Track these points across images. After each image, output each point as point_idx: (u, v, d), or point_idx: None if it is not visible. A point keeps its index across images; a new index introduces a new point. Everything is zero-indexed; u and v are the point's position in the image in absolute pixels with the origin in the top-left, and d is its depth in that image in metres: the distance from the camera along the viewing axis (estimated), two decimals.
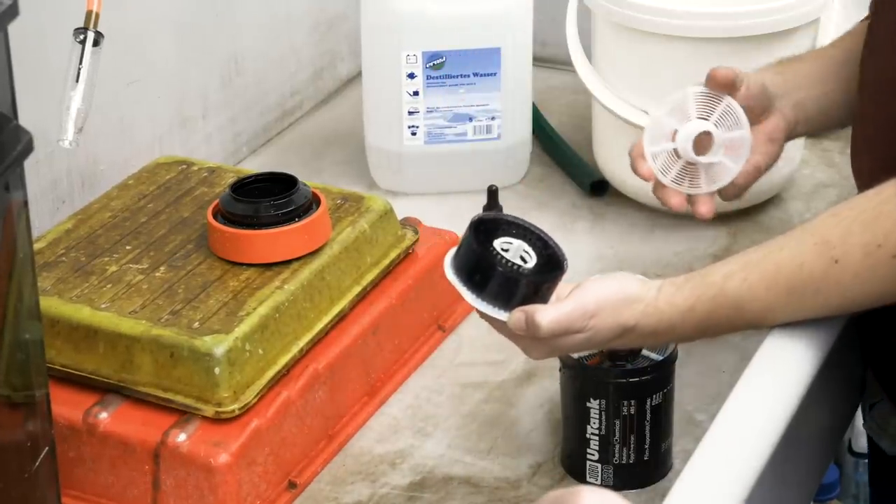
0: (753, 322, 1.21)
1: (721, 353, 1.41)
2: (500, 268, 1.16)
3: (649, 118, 1.27)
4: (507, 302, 1.17)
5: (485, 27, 1.65)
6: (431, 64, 1.65)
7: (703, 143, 1.35)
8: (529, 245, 1.19)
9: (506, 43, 1.66)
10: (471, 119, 1.68)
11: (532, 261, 1.18)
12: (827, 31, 1.64)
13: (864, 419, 1.42)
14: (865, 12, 1.36)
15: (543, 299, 1.17)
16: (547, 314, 1.16)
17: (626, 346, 1.22)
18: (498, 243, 1.18)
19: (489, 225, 1.19)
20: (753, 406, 1.19)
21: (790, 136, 1.39)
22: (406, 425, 1.34)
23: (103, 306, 1.27)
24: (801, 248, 1.17)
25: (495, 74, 1.67)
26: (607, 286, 1.19)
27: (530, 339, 1.18)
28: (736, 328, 1.22)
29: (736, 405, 1.19)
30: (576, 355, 1.24)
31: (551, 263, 1.19)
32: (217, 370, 1.22)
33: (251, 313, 1.26)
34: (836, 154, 1.79)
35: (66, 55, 1.25)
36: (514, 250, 1.18)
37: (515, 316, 1.17)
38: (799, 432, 1.24)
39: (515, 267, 1.16)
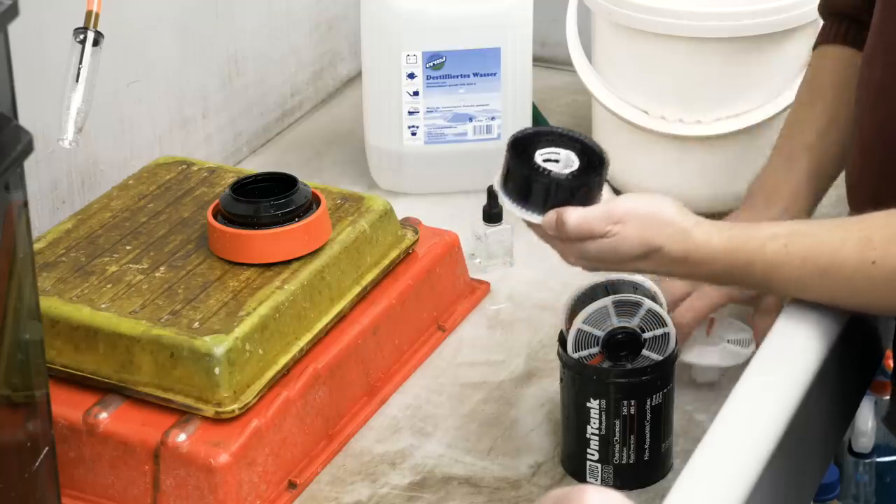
0: (778, 289, 1.24)
1: None
2: (535, 176, 1.20)
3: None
4: (543, 207, 1.21)
5: (485, 27, 1.65)
6: (431, 64, 1.66)
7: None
8: (571, 150, 1.22)
9: (506, 43, 1.66)
10: (471, 119, 1.68)
11: (574, 166, 1.21)
12: None
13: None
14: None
15: (584, 202, 1.20)
16: (574, 213, 1.19)
17: (650, 271, 1.22)
18: (539, 154, 1.22)
19: (528, 139, 1.23)
20: (753, 406, 1.19)
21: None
22: (406, 425, 1.34)
23: (103, 306, 1.27)
24: (847, 236, 1.19)
25: (495, 74, 1.67)
26: (641, 200, 1.22)
27: (562, 242, 1.22)
28: (758, 287, 1.25)
29: (736, 405, 1.19)
30: (576, 355, 1.24)
31: (591, 166, 1.21)
32: (217, 370, 1.22)
33: (251, 313, 1.26)
34: None
35: (66, 55, 1.25)
36: (558, 158, 1.23)
37: (548, 217, 1.21)
38: (799, 432, 1.24)
39: (546, 172, 1.20)
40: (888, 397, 2.00)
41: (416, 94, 1.66)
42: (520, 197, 1.22)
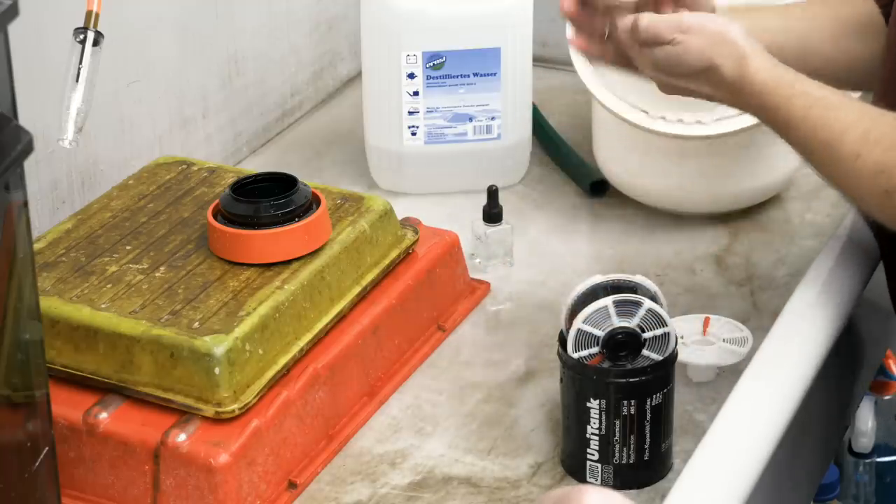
0: (792, 142, 1.28)
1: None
2: None
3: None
4: None
5: (485, 27, 1.65)
6: (431, 64, 1.66)
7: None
8: None
9: (506, 43, 1.66)
10: (471, 119, 1.68)
11: None
12: None
13: None
14: None
15: None
16: (647, 16, 1.29)
17: (705, 93, 1.30)
18: None
19: None
20: (753, 407, 1.19)
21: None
22: (406, 425, 1.34)
23: (103, 306, 1.27)
24: (857, 122, 1.24)
25: (495, 74, 1.67)
26: (714, 19, 1.30)
27: (637, 47, 1.30)
28: (779, 134, 1.29)
29: (736, 406, 1.19)
30: (576, 355, 1.24)
31: None
32: (217, 370, 1.22)
33: (251, 313, 1.26)
34: None
35: (66, 55, 1.25)
36: None
37: (625, 20, 1.30)
38: (799, 433, 1.24)
39: None
40: (888, 397, 2.00)
41: (416, 94, 1.66)
42: None
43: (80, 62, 1.25)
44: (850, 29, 1.42)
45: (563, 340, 1.25)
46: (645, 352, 1.23)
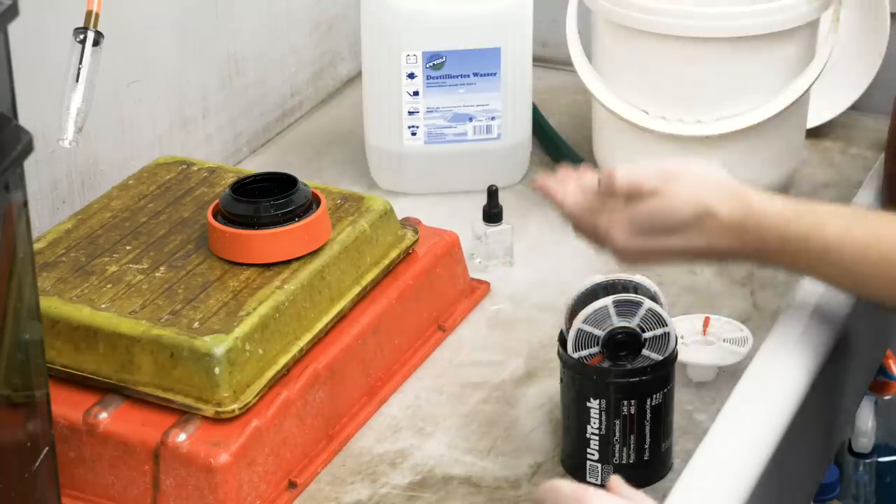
0: (828, 274, 1.15)
1: None
2: None
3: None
4: None
5: (485, 27, 1.65)
6: (431, 64, 1.66)
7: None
8: None
9: (506, 43, 1.66)
10: (471, 119, 1.68)
11: None
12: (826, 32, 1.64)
13: None
14: (865, 14, 1.36)
15: None
16: (624, 168, 1.13)
17: (698, 247, 1.16)
18: None
19: None
20: (754, 406, 1.19)
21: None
22: (406, 425, 1.34)
23: (103, 306, 1.27)
24: None
25: (495, 74, 1.67)
26: (694, 164, 1.16)
27: (609, 212, 1.15)
28: (804, 270, 1.16)
29: (736, 406, 1.19)
30: (576, 355, 1.24)
31: None
32: (217, 370, 1.22)
33: (251, 313, 1.26)
34: (837, 154, 1.79)
35: (66, 55, 1.25)
36: None
37: (591, 177, 1.16)
38: (799, 433, 1.24)
39: None
40: (888, 396, 2.00)
41: (416, 94, 1.66)
42: None
43: (80, 62, 1.25)
44: None
45: (563, 340, 1.25)
46: (645, 352, 1.23)
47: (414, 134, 1.68)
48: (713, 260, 1.19)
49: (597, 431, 1.24)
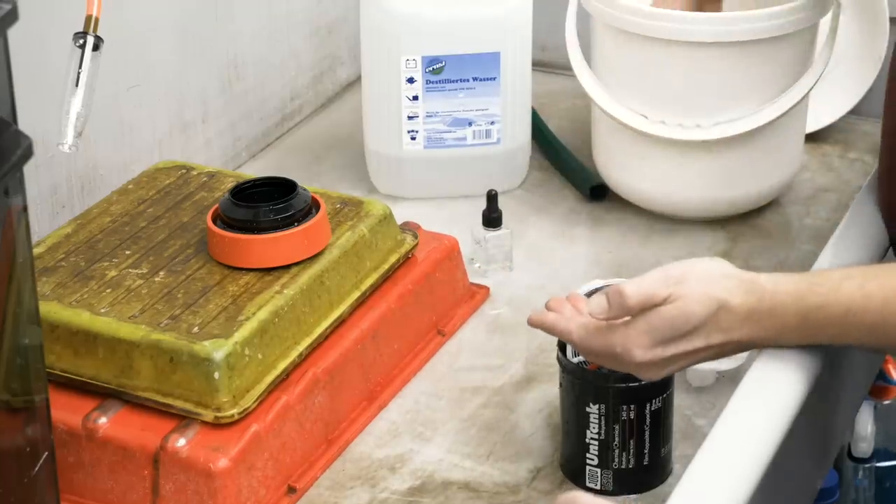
0: (854, 336, 1.14)
1: None
2: None
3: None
4: None
5: (484, 32, 1.65)
6: (431, 68, 1.66)
7: None
8: None
9: (505, 47, 1.66)
10: (470, 124, 1.68)
11: None
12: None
13: None
14: (864, 19, 1.36)
15: None
16: (631, 284, 1.12)
17: (724, 338, 1.13)
18: None
19: None
20: (753, 411, 1.19)
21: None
22: (405, 430, 1.34)
23: (103, 311, 1.27)
24: None
25: (495, 79, 1.67)
26: (696, 261, 1.15)
27: (625, 328, 1.13)
28: (830, 338, 1.15)
29: (735, 410, 1.19)
30: (575, 360, 1.24)
31: None
32: (216, 375, 1.22)
33: (250, 318, 1.26)
34: (836, 158, 1.79)
35: (65, 60, 1.25)
36: None
37: (595, 300, 1.14)
38: (798, 437, 1.24)
39: None
40: (888, 401, 2.00)
41: (415, 98, 1.67)
42: None
43: (80, 67, 1.25)
44: None
45: (562, 345, 1.25)
46: None
47: (413, 138, 1.68)
48: (736, 353, 1.18)
49: (596, 436, 1.24)
